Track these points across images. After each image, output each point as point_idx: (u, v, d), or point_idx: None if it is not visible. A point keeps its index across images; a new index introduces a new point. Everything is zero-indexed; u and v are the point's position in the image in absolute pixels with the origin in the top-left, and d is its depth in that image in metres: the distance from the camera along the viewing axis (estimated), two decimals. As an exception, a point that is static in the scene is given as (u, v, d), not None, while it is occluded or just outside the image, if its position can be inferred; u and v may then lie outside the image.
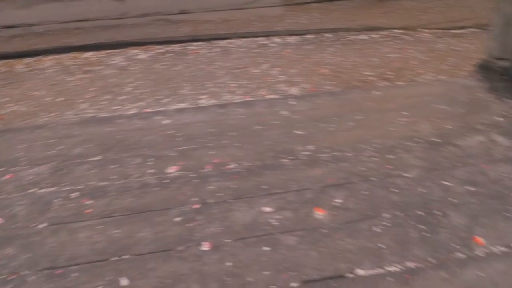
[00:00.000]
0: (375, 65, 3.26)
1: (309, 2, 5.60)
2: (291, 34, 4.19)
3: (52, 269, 1.39)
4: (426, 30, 4.23)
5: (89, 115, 2.56)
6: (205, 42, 4.03)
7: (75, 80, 3.22)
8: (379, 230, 1.51)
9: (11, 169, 1.94)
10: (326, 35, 4.11)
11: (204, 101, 2.67)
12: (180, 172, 1.87)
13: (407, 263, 1.38)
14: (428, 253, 1.41)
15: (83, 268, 1.39)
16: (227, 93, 2.78)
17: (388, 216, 1.57)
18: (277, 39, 4.03)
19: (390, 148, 1.98)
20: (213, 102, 2.61)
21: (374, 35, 4.07)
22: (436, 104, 2.37)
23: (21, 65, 3.59)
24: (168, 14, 5.23)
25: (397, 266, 1.37)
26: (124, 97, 2.82)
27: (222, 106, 2.46)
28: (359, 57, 3.44)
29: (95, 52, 3.83)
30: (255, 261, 1.40)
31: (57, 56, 3.77)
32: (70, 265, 1.41)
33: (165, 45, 3.99)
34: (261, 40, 4.02)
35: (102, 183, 1.82)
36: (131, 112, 2.51)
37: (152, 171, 1.89)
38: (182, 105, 2.61)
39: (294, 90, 2.80)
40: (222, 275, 1.36)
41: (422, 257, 1.40)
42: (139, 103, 2.71)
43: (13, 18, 4.92)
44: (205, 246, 1.48)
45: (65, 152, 2.07)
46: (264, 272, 1.36)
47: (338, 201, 1.66)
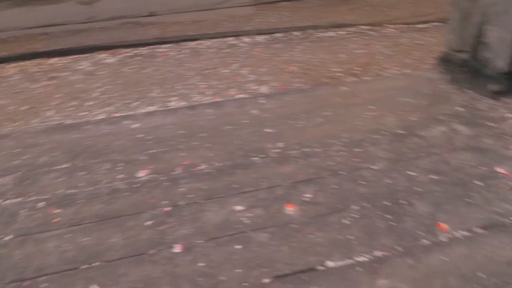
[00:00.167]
0: (343, 61, 3.32)
1: (279, 1, 5.63)
2: (261, 33, 4.21)
3: (20, 282, 1.36)
4: (392, 26, 4.33)
5: (55, 123, 2.50)
6: (174, 44, 4.00)
7: (40, 87, 3.13)
8: (348, 222, 1.55)
9: (-26, 182, 1.88)
10: (295, 33, 4.16)
11: (174, 103, 2.65)
12: (151, 176, 1.86)
13: (375, 252, 1.42)
14: (395, 242, 1.46)
15: (52, 279, 1.37)
16: (197, 95, 2.77)
17: (357, 208, 1.62)
18: (247, 39, 4.04)
19: (358, 142, 2.03)
20: (183, 104, 2.60)
21: (342, 32, 4.14)
22: (401, 97, 2.44)
23: (-17, 74, 3.47)
24: (137, 17, 5.16)
25: (366, 256, 1.41)
26: (92, 103, 2.77)
27: (192, 108, 2.45)
28: (327, 54, 3.50)
29: (61, 58, 3.74)
30: (227, 260, 1.41)
31: (21, 63, 3.66)
32: (38, 276, 1.38)
33: (134, 48, 3.93)
34: (231, 40, 4.02)
35: (70, 191, 1.78)
36: (99, 118, 2.47)
37: (122, 176, 1.87)
38: (152, 108, 2.58)
39: (264, 89, 2.82)
40: (195, 276, 1.36)
41: (389, 246, 1.44)
42: (107, 108, 2.66)
43: (-27, 26, 4.74)
44: (177, 248, 1.47)
45: (31, 161, 2.02)
46: (236, 270, 1.37)
47: (308, 196, 1.69)
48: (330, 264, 1.38)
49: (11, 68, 3.57)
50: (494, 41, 2.27)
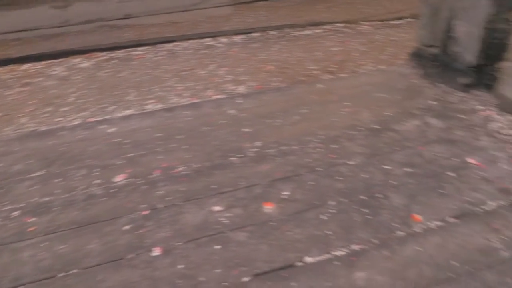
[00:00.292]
0: (319, 59, 3.35)
1: (256, 1, 5.65)
2: (238, 34, 4.21)
3: (-6, 293, 1.34)
4: (367, 23, 4.40)
5: (30, 130, 2.45)
6: (151, 46, 3.96)
7: (13, 94, 3.06)
8: (326, 218, 1.57)
9: None
10: (272, 33, 4.17)
11: (151, 106, 2.63)
12: (128, 180, 1.84)
13: (352, 246, 1.45)
14: (371, 235, 1.49)
15: (28, 288, 1.35)
16: (174, 97, 2.76)
17: (334, 204, 1.64)
18: (224, 39, 4.04)
19: (334, 138, 2.06)
20: (160, 107, 2.58)
21: (318, 30, 4.18)
22: (376, 93, 2.48)
23: (-48, 82, 3.36)
24: (113, 20, 5.08)
25: (343, 250, 1.43)
26: (67, 108, 2.72)
27: (169, 110, 2.44)
28: (304, 52, 3.53)
29: (35, 64, 3.66)
30: (207, 261, 1.42)
31: (-7, 70, 3.56)
32: (15, 287, 1.36)
33: (109, 52, 3.88)
34: (208, 41, 4.01)
35: (46, 199, 1.75)
36: (74, 123, 2.43)
37: (99, 182, 1.84)
38: (128, 112, 2.56)
39: (241, 89, 2.82)
40: (174, 278, 1.36)
41: (366, 239, 1.47)
42: (83, 113, 2.62)
43: None
44: (156, 251, 1.47)
45: (5, 170, 1.98)
46: (216, 270, 1.38)
47: (286, 194, 1.70)
48: (309, 260, 1.40)
49: (-18, 76, 3.47)
50: (462, 36, 2.34)
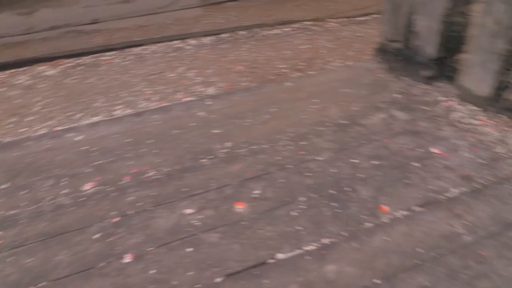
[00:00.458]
0: (288, 58, 3.38)
1: (226, 1, 5.64)
2: (207, 35, 4.19)
3: (-42, 313, 1.29)
4: (334, 20, 4.47)
5: (-7, 142, 2.37)
6: (119, 51, 3.90)
7: (-25, 106, 2.95)
8: (296, 214, 1.60)
9: None
10: (241, 33, 4.18)
11: (119, 112, 2.59)
12: (97, 188, 1.81)
13: (323, 240, 1.47)
14: (341, 228, 1.52)
15: (-6, 305, 1.31)
16: (143, 101, 2.73)
17: (304, 199, 1.66)
18: (193, 41, 4.01)
19: (303, 135, 2.09)
20: (129, 112, 2.55)
21: (286, 29, 4.21)
22: (343, 89, 2.53)
23: None
24: (80, 25, 4.97)
25: (314, 245, 1.46)
26: (32, 118, 2.65)
27: (138, 115, 2.41)
28: (273, 51, 3.55)
29: (-3, 73, 3.54)
30: (179, 264, 1.41)
31: (-48, 82, 3.42)
32: (-20, 305, 1.32)
33: (76, 58, 3.79)
34: (177, 44, 3.98)
35: (11, 212, 1.71)
36: (40, 133, 2.37)
37: (67, 191, 1.81)
38: (96, 119, 2.51)
39: (211, 90, 2.82)
40: (146, 284, 1.35)
41: (336, 232, 1.50)
42: (49, 122, 2.56)
43: None
44: (127, 258, 1.45)
45: (-33, 185, 1.91)
46: (188, 273, 1.38)
47: (257, 192, 1.72)
48: (280, 256, 1.42)
49: None
50: (423, 30, 2.41)
